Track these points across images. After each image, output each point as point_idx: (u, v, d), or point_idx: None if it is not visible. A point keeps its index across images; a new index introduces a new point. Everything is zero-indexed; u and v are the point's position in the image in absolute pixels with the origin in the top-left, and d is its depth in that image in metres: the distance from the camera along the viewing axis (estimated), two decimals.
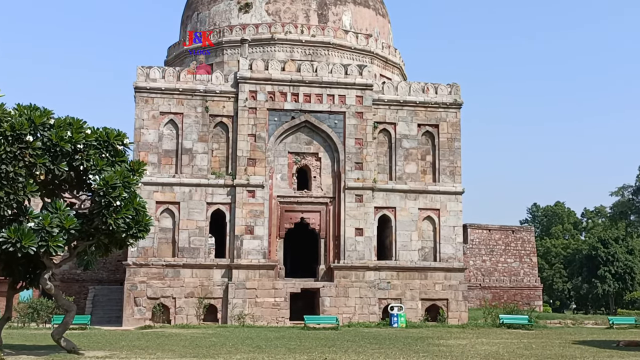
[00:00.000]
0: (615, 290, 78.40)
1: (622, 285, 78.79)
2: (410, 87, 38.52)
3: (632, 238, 79.51)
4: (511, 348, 22.10)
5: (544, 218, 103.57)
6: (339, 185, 36.88)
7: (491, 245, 58.24)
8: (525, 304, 54.96)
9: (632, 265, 79.37)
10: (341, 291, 35.68)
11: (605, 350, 21.97)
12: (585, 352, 21.13)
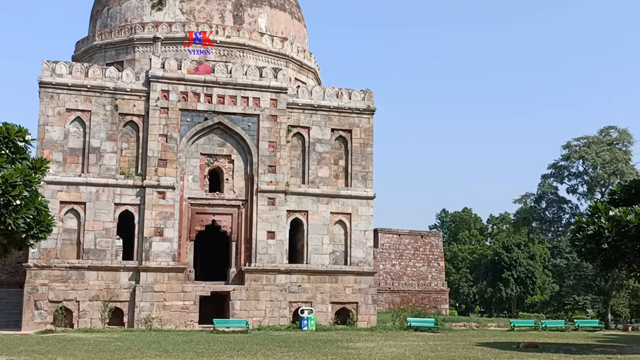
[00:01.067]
0: (517, 294, 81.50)
1: (524, 289, 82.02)
2: (325, 91, 38.76)
3: (533, 244, 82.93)
4: (417, 350, 22.52)
5: (452, 224, 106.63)
6: (251, 188, 36.65)
7: (401, 250, 59.36)
8: (432, 307, 56.32)
9: (533, 270, 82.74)
10: (252, 294, 35.43)
11: (506, 351, 22.72)
12: (487, 353, 21.78)
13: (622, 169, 54.92)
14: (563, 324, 43.03)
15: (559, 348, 24.77)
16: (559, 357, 20.85)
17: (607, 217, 22.29)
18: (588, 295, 66.46)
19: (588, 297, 66.65)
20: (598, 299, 63.72)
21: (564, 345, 26.64)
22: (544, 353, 22.26)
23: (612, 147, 57.46)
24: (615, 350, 24.13)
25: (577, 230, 23.50)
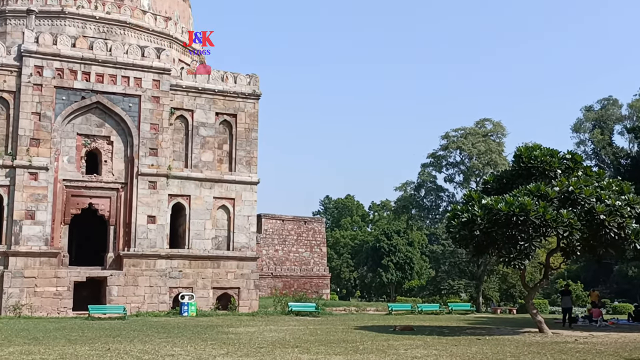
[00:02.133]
0: (396, 279, 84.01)
1: (402, 275, 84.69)
2: (210, 74, 38.07)
3: (412, 231, 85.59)
4: (297, 334, 22.67)
5: (335, 210, 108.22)
6: (131, 171, 35.50)
7: (284, 235, 59.66)
8: (314, 292, 57.03)
9: (411, 256, 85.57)
10: (130, 280, 34.41)
11: (383, 334, 23.31)
12: (365, 336, 22.25)
13: (496, 160, 57.62)
14: (438, 308, 44.71)
15: (433, 330, 25.71)
16: (432, 339, 21.61)
17: (480, 205, 23.23)
18: (462, 280, 69.52)
19: (462, 282, 69.72)
20: (471, 283, 66.77)
21: (437, 327, 27.68)
22: (419, 335, 23.02)
23: (487, 138, 60.13)
24: (484, 332, 25.33)
25: (452, 217, 24.37)
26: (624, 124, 64.19)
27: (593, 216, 22.70)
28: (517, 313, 48.57)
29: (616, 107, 66.18)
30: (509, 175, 26.44)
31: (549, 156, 24.87)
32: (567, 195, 23.08)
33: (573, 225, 22.19)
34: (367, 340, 20.71)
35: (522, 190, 23.33)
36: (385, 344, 19.16)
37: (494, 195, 23.94)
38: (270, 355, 15.86)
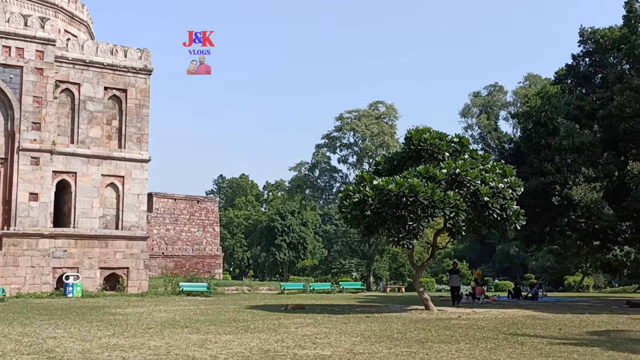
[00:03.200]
0: (289, 258, 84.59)
1: (296, 254, 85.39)
2: (98, 47, 36.53)
3: (306, 211, 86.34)
4: (188, 315, 22.32)
5: (229, 189, 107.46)
6: (12, 146, 33.62)
7: (176, 215, 58.59)
8: (206, 272, 56.47)
9: (304, 236, 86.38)
10: (10, 260, 32.72)
11: (274, 313, 23.34)
12: (256, 315, 22.20)
13: (388, 142, 58.90)
14: (329, 287, 45.39)
15: (324, 309, 26.00)
16: (323, 317, 21.83)
17: (371, 186, 23.59)
18: (353, 260, 70.95)
19: (353, 261, 71.16)
20: (362, 262, 68.25)
21: (329, 306, 28.03)
22: (310, 314, 23.20)
23: (379, 120, 61.29)
24: (373, 310, 25.88)
25: (344, 198, 24.61)
26: (508, 110, 67.08)
27: (478, 198, 23.57)
28: (406, 291, 50.06)
29: (502, 93, 69.01)
30: (399, 157, 26.97)
31: (438, 139, 25.53)
32: (454, 177, 23.82)
33: (459, 206, 22.95)
34: (258, 319, 20.67)
35: (412, 171, 23.85)
36: (277, 323, 19.19)
37: (385, 177, 24.36)
38: (158, 336, 15.50)
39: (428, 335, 16.03)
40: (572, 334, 16.82)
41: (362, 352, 12.88)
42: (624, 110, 30.62)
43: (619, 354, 12.74)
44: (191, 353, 12.71)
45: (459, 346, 13.95)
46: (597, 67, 37.22)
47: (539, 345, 14.16)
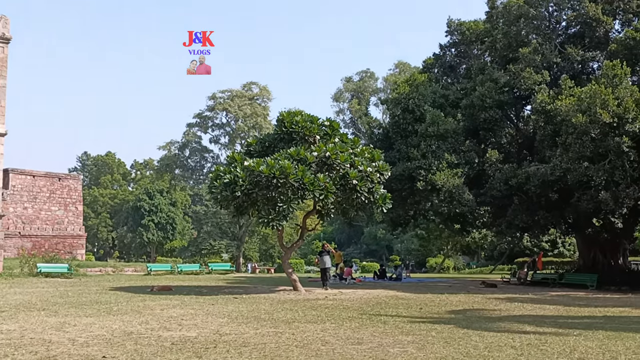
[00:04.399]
0: (157, 239, 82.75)
1: (164, 235, 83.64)
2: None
3: (175, 191, 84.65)
4: (45, 297, 21.25)
5: (94, 167, 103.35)
6: None
7: (35, 192, 55.54)
8: (67, 253, 54.06)
9: (173, 216, 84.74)
10: None
11: (139, 295, 22.71)
12: (120, 297, 21.51)
13: (261, 123, 58.70)
14: (198, 268, 44.85)
15: (192, 290, 25.64)
16: (190, 298, 21.51)
17: (242, 167, 23.42)
18: (223, 241, 70.50)
19: (223, 242, 70.72)
20: (232, 244, 67.92)
21: (196, 287, 27.67)
22: (177, 295, 22.80)
23: (253, 102, 60.92)
24: (242, 291, 25.82)
25: (215, 178, 24.30)
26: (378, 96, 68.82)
27: (347, 181, 23.99)
28: (275, 273, 50.37)
29: (373, 79, 70.63)
30: (271, 139, 26.96)
31: (310, 122, 25.72)
32: (324, 160, 24.10)
33: (329, 188, 23.27)
34: (122, 301, 20.03)
35: (283, 154, 23.91)
36: (142, 305, 18.68)
37: (257, 158, 24.27)
38: (12, 320, 14.62)
39: (295, 316, 16.17)
40: (431, 313, 17.56)
41: (229, 333, 12.79)
42: (484, 101, 32.22)
43: (473, 332, 13.43)
44: (48, 337, 12.09)
45: (324, 326, 14.17)
46: (462, 58, 38.89)
47: (400, 324, 14.65)
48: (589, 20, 32.23)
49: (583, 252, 36.31)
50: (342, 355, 10.44)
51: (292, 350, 10.93)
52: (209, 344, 11.49)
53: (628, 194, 26.35)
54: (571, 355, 10.61)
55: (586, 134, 26.48)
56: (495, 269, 60.33)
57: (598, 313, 18.19)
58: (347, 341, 11.96)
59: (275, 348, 11.09)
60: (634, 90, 26.96)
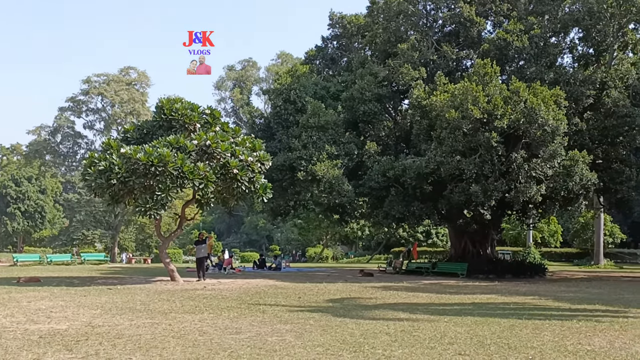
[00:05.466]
0: (24, 228, 78.65)
1: (32, 224, 79.58)
2: None
3: (45, 177, 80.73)
4: None
5: None
6: None
7: None
8: None
9: (43, 204, 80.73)
10: None
11: (4, 287, 21.47)
12: None
13: (139, 110, 57.12)
14: (70, 258, 43.13)
15: (62, 281, 24.58)
16: (60, 290, 20.58)
17: (118, 154, 22.66)
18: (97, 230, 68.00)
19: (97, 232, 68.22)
20: (107, 233, 65.69)
21: (68, 278, 26.55)
22: (46, 287, 21.75)
23: (130, 87, 59.12)
24: (116, 282, 25.02)
25: (89, 165, 23.34)
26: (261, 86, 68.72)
27: (227, 170, 23.77)
28: (152, 263, 49.30)
29: (255, 69, 70.45)
30: (150, 126, 26.30)
31: (190, 110, 25.27)
32: (204, 149, 23.76)
33: (209, 178, 22.97)
34: None
35: (162, 141, 23.35)
36: (6, 297, 17.65)
37: (134, 145, 23.55)
38: None
39: (172, 306, 15.85)
40: (310, 302, 17.74)
41: (102, 325, 12.33)
42: (364, 94, 32.93)
43: (350, 320, 13.69)
44: None
45: (202, 316, 13.98)
46: (344, 51, 39.52)
47: (279, 313, 14.70)
48: (464, 20, 33.70)
49: (454, 242, 37.96)
50: (220, 345, 10.33)
51: (168, 341, 10.70)
52: (80, 336, 11.02)
53: (496, 186, 27.76)
54: (442, 341, 11.03)
55: (459, 129, 27.63)
56: (372, 258, 61.98)
57: (467, 300, 19.06)
58: (225, 331, 11.86)
59: (150, 339, 10.81)
60: (503, 89, 28.41)
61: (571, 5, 33.18)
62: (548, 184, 28.60)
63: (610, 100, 31.42)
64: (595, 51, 33.78)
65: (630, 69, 32.30)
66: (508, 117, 27.41)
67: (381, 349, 10.23)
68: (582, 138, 31.01)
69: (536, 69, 31.57)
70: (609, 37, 32.26)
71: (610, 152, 32.31)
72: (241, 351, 9.89)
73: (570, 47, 35.10)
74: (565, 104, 28.84)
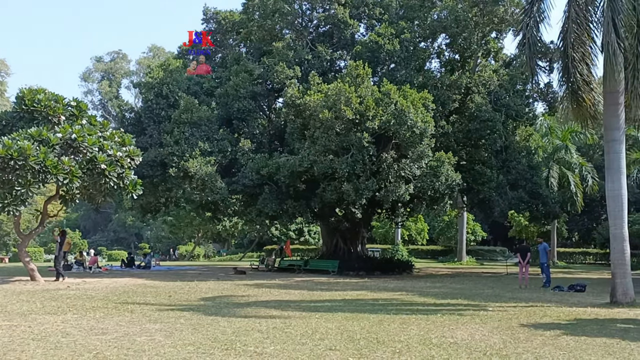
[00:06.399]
0: None
1: None
2: None
3: None
4: None
5: None
6: None
7: None
8: None
9: None
10: None
11: None
12: None
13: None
14: None
15: None
16: None
17: None
18: None
19: None
20: None
21: None
22: None
23: None
24: None
25: None
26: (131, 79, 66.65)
27: (95, 165, 22.84)
28: (10, 262, 46.62)
29: (125, 61, 68.25)
30: (9, 117, 24.87)
31: (54, 101, 24.12)
32: (70, 142, 22.70)
33: (74, 172, 21.96)
34: None
35: (23, 133, 22.11)
36: None
37: None
38: None
39: (32, 307, 15.02)
40: (181, 301, 17.40)
41: None
42: (238, 91, 32.71)
43: (222, 318, 13.56)
44: None
45: (65, 317, 13.34)
46: (218, 47, 39.05)
47: (148, 312, 14.30)
48: (338, 21, 34.29)
49: (326, 239, 38.54)
50: (85, 347, 9.88)
51: (28, 343, 10.10)
52: None
53: (367, 185, 28.42)
54: (313, 336, 11.14)
55: (332, 128, 28.05)
56: (245, 256, 61.78)
57: (338, 297, 19.40)
58: (90, 332, 11.36)
59: (8, 342, 10.17)
60: (374, 90, 29.14)
61: (439, 13, 34.59)
62: (416, 184, 29.64)
63: (474, 104, 33.09)
64: (461, 57, 35.40)
65: (492, 75, 34.15)
66: (379, 118, 28.14)
67: (253, 346, 10.19)
68: (448, 140, 32.38)
69: (406, 72, 32.63)
70: (473, 44, 33.91)
71: (473, 154, 33.93)
72: (107, 352, 9.51)
73: (438, 52, 36.60)
74: (433, 107, 29.98)
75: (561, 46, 18.57)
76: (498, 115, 32.58)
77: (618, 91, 18.10)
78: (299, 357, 9.39)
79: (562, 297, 20.10)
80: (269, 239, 61.05)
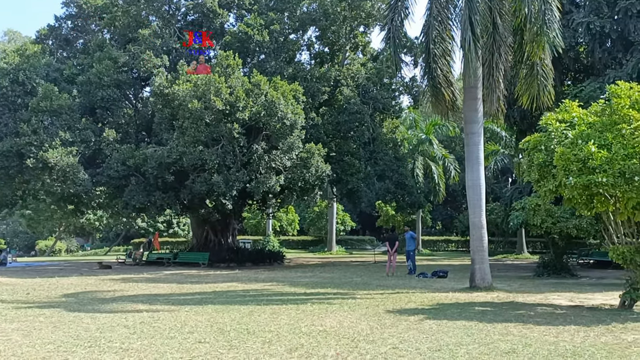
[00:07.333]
0: None
1: None
2: None
3: None
4: None
5: None
6: None
7: None
8: None
9: None
10: None
11: None
12: None
13: None
14: None
15: None
16: None
17: None
18: None
19: None
20: None
21: None
22: None
23: None
24: None
25: None
26: None
27: None
28: None
29: None
30: None
31: None
32: None
33: None
34: None
35: None
36: None
37: None
38: None
39: None
40: (40, 298, 16.54)
41: None
42: (102, 79, 31.40)
43: (85, 314, 13.00)
44: None
45: None
46: (80, 32, 37.28)
47: (4, 311, 13.47)
48: (207, 10, 33.73)
49: (196, 231, 37.97)
50: None
51: None
52: None
53: (238, 177, 28.25)
54: (182, 330, 10.92)
55: (201, 119, 27.62)
56: (110, 250, 59.75)
57: (208, 289, 19.17)
58: None
59: None
60: (245, 81, 28.98)
61: (309, 5, 34.91)
62: (287, 175, 29.81)
63: (343, 97, 33.71)
64: (330, 50, 35.94)
65: (360, 69, 34.94)
66: (250, 109, 28.03)
67: (119, 342, 9.83)
68: (318, 132, 32.81)
69: (276, 63, 32.70)
70: (342, 38, 34.54)
71: (342, 145, 34.58)
72: None
73: (308, 44, 36.96)
74: (303, 99, 30.24)
75: (423, 41, 19.29)
76: (366, 108, 33.38)
77: (476, 86, 19.05)
78: (167, 351, 9.16)
79: (426, 284, 20.95)
80: (136, 232, 59.30)
